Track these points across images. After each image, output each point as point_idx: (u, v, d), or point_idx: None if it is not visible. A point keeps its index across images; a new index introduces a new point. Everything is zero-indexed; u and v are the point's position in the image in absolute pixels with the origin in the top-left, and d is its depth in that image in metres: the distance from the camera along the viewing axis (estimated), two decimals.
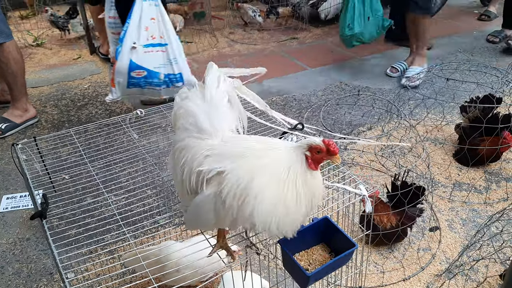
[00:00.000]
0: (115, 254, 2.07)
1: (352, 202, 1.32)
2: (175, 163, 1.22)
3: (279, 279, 1.94)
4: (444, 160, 2.78)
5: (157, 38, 2.75)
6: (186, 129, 1.21)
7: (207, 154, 1.12)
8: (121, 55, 2.69)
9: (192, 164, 1.13)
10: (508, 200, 2.45)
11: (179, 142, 1.22)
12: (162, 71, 2.78)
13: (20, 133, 3.11)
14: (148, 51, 2.74)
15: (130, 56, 2.69)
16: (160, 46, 2.77)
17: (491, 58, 4.27)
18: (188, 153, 1.17)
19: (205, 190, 1.09)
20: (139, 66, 2.72)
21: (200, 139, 1.17)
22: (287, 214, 1.05)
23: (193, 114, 1.21)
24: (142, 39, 2.72)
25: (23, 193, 2.55)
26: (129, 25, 2.68)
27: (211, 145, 1.14)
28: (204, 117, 1.19)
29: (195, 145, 1.17)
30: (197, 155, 1.13)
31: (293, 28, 5.10)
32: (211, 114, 1.20)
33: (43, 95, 3.63)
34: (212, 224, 1.15)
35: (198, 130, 1.19)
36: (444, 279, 1.96)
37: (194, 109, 1.22)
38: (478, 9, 5.68)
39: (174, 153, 1.22)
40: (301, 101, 3.52)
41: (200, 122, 1.19)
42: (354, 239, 1.23)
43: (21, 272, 2.07)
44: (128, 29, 2.69)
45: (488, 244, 2.05)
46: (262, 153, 1.08)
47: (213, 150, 1.12)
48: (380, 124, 3.13)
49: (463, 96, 3.20)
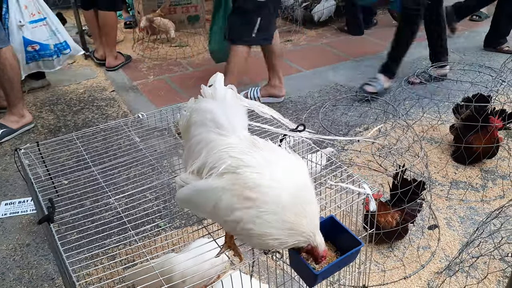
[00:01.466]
0: (117, 258, 2.06)
1: (356, 201, 1.34)
2: (188, 151, 1.24)
3: (281, 280, 1.95)
4: (440, 159, 2.81)
5: (36, 14, 3.23)
6: (205, 124, 1.20)
7: (225, 150, 1.12)
8: (12, 36, 3.10)
9: (207, 159, 1.14)
10: (504, 198, 2.49)
11: (195, 136, 1.21)
12: (50, 42, 3.31)
13: (17, 139, 3.09)
14: (34, 26, 3.22)
15: (22, 33, 3.14)
16: (41, 21, 3.26)
17: (483, 58, 4.33)
18: (205, 147, 1.17)
19: (213, 180, 1.09)
20: (32, 41, 3.21)
21: (219, 134, 1.17)
22: (286, 229, 1.07)
23: (210, 111, 1.20)
24: (26, 17, 3.15)
25: (21, 198, 2.54)
26: (9, 7, 3.08)
27: (229, 143, 1.15)
28: (221, 113, 1.19)
29: (214, 139, 1.17)
30: (215, 150, 1.14)
31: (287, 31, 5.13)
32: (227, 111, 1.20)
33: (38, 100, 3.62)
34: (206, 214, 1.16)
35: (216, 125, 1.18)
36: (444, 277, 1.98)
37: (210, 106, 1.21)
38: None
39: (191, 146, 1.22)
40: (297, 103, 3.54)
41: (218, 118, 1.18)
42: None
43: (23, 278, 2.06)
44: (10, 10, 3.08)
45: (486, 241, 2.07)
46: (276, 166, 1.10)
47: (233, 149, 1.12)
48: (377, 124, 3.15)
49: (458, 95, 3.24)
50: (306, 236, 1.08)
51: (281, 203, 1.05)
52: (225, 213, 1.07)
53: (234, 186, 1.06)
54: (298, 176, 1.12)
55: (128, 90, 3.80)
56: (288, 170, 1.11)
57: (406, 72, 3.80)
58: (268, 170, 1.07)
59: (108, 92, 3.77)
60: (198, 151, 1.19)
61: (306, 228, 1.07)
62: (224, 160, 1.10)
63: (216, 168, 1.11)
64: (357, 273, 1.56)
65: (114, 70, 4.12)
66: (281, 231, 1.06)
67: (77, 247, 1.81)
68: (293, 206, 1.06)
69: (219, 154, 1.13)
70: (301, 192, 1.09)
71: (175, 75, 4.09)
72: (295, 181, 1.10)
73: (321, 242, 1.11)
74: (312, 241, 1.09)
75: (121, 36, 4.83)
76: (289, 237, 1.07)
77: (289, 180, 1.09)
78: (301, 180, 1.12)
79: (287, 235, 1.07)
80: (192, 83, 3.88)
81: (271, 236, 1.06)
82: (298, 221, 1.06)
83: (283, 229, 1.06)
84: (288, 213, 1.05)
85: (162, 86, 3.88)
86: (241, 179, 1.07)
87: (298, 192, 1.08)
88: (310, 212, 1.09)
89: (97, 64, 4.23)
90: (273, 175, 1.07)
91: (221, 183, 1.08)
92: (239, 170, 1.08)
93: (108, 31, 3.93)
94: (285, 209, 1.05)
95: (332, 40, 4.91)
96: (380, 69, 3.62)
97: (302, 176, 1.13)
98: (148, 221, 2.22)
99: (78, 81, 3.96)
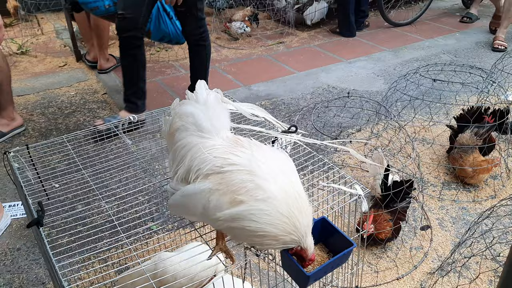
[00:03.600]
0: (109, 261, 2.05)
1: (348, 202, 1.34)
2: (173, 157, 1.23)
3: (274, 282, 1.94)
4: (432, 160, 2.82)
5: None
6: (187, 129, 1.20)
7: (209, 152, 1.12)
8: None
9: (192, 163, 1.13)
10: (496, 198, 2.50)
11: (179, 141, 1.21)
12: None
13: (7, 142, 3.06)
14: None
15: None
16: None
17: (474, 59, 4.36)
18: (189, 151, 1.16)
19: (199, 183, 1.09)
20: None
21: (202, 137, 1.17)
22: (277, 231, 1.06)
23: (192, 114, 1.20)
24: None
25: (11, 202, 2.51)
26: None
27: (213, 145, 1.14)
28: (203, 116, 1.19)
29: (197, 142, 1.16)
30: (199, 153, 1.13)
31: (279, 33, 5.14)
32: (209, 113, 1.20)
33: (29, 104, 3.59)
34: (197, 217, 1.16)
35: (199, 129, 1.18)
36: (437, 277, 1.98)
37: (191, 109, 1.22)
38: (459, 12, 5.81)
39: (175, 151, 1.22)
40: (290, 105, 3.54)
41: (200, 121, 1.19)
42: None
43: (13, 282, 2.03)
44: None
45: (478, 241, 2.08)
46: (263, 163, 1.09)
47: (216, 150, 1.12)
48: (369, 125, 3.16)
49: (449, 96, 3.26)
50: (297, 236, 1.07)
51: (270, 201, 1.04)
52: (214, 213, 1.07)
53: (221, 186, 1.06)
54: (285, 172, 1.11)
55: (120, 93, 3.76)
56: (274, 166, 1.10)
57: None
58: (254, 168, 1.07)
59: (100, 94, 3.75)
60: (183, 155, 1.19)
61: (297, 228, 1.07)
62: (209, 162, 1.10)
63: (201, 170, 1.11)
64: (350, 274, 1.56)
65: (106, 72, 4.10)
66: (272, 228, 1.05)
67: (68, 251, 1.80)
68: (282, 204, 1.05)
69: (203, 156, 1.13)
70: (290, 189, 1.08)
71: (167, 77, 4.08)
72: (283, 177, 1.09)
73: (310, 245, 1.11)
74: (302, 242, 1.09)
75: (112, 38, 4.80)
76: (279, 235, 1.06)
77: (276, 176, 1.08)
78: (289, 175, 1.11)
79: (276, 233, 1.06)
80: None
81: (262, 235, 1.05)
82: (288, 219, 1.05)
83: (273, 227, 1.05)
84: (278, 210, 1.04)
85: (154, 88, 3.86)
86: (227, 178, 1.06)
87: (286, 189, 1.07)
88: (301, 210, 1.08)
89: (89, 67, 4.20)
90: (260, 173, 1.06)
91: (208, 185, 1.08)
92: (223, 169, 1.08)
93: (100, 34, 3.90)
94: (274, 207, 1.04)
95: (324, 42, 4.93)
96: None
97: (289, 172, 1.12)
98: (140, 224, 2.21)
99: (70, 83, 3.94)
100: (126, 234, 1.35)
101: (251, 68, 4.26)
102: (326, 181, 1.46)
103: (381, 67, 4.22)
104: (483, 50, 4.59)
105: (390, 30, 5.21)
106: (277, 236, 1.06)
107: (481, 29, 5.19)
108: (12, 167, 1.50)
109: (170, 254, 1.47)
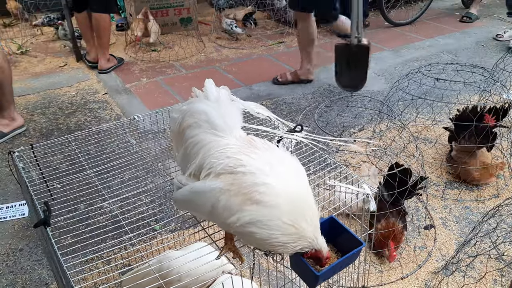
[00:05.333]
0: (112, 262, 2.04)
1: (355, 202, 1.33)
2: (184, 153, 1.22)
3: (281, 283, 1.94)
4: (435, 159, 2.82)
5: None
6: (200, 126, 1.18)
7: (222, 151, 1.11)
8: None
9: (205, 160, 1.12)
10: (498, 197, 2.50)
11: (191, 138, 1.18)
12: None
13: (8, 143, 3.05)
14: None
15: None
16: None
17: (474, 58, 4.36)
18: (202, 148, 1.15)
19: (210, 181, 1.08)
20: None
21: (215, 135, 1.15)
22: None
23: (204, 112, 1.18)
24: None
25: (11, 203, 2.50)
26: None
27: (226, 143, 1.13)
28: (215, 114, 1.17)
29: (211, 140, 1.15)
30: (212, 151, 1.12)
31: (279, 33, 5.13)
32: (221, 111, 1.18)
33: (30, 104, 3.57)
34: (204, 215, 1.15)
35: (212, 126, 1.16)
36: (442, 276, 1.98)
37: (204, 107, 1.19)
38: (459, 11, 5.81)
39: (186, 148, 1.20)
40: (291, 105, 3.54)
41: (212, 118, 1.17)
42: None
43: (16, 283, 2.02)
44: None
45: (483, 240, 2.08)
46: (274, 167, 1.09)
47: (230, 149, 1.11)
48: (371, 125, 3.16)
49: (451, 95, 3.26)
50: (309, 239, 1.07)
51: (280, 205, 1.03)
52: (224, 214, 1.06)
53: (232, 187, 1.05)
54: (296, 177, 1.11)
55: (121, 93, 3.77)
56: (286, 171, 1.09)
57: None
58: (266, 171, 1.06)
59: (101, 94, 3.73)
60: (195, 153, 1.17)
61: (307, 231, 1.06)
62: (222, 161, 1.09)
63: (213, 168, 1.09)
64: (356, 274, 1.55)
65: (106, 72, 4.09)
66: (280, 233, 1.04)
67: (71, 252, 1.78)
68: (292, 207, 1.05)
69: (217, 155, 1.11)
70: (300, 194, 1.08)
71: (168, 77, 4.07)
72: (294, 182, 1.09)
73: (323, 244, 1.10)
74: (315, 244, 1.08)
75: (112, 38, 4.80)
76: (290, 240, 1.06)
77: (287, 180, 1.07)
78: (300, 181, 1.11)
79: (288, 238, 1.05)
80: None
81: (271, 238, 1.04)
82: (298, 224, 1.05)
83: (283, 232, 1.04)
84: (287, 214, 1.04)
85: (155, 88, 3.85)
86: (239, 179, 1.05)
87: (297, 193, 1.07)
88: (310, 214, 1.08)
89: (89, 67, 4.19)
90: (272, 176, 1.06)
91: (219, 184, 1.06)
92: (236, 170, 1.06)
93: (101, 34, 3.89)
94: (284, 211, 1.04)
95: (325, 41, 4.92)
96: None
97: (300, 177, 1.12)
98: (143, 225, 2.20)
99: (70, 83, 3.92)
100: (130, 235, 1.34)
101: (251, 68, 4.25)
102: (333, 181, 1.45)
103: (381, 67, 4.22)
104: (483, 49, 4.59)
105: (390, 30, 5.21)
106: (287, 242, 1.06)
107: (481, 28, 5.20)
108: (17, 167, 1.49)
109: (177, 254, 1.46)
